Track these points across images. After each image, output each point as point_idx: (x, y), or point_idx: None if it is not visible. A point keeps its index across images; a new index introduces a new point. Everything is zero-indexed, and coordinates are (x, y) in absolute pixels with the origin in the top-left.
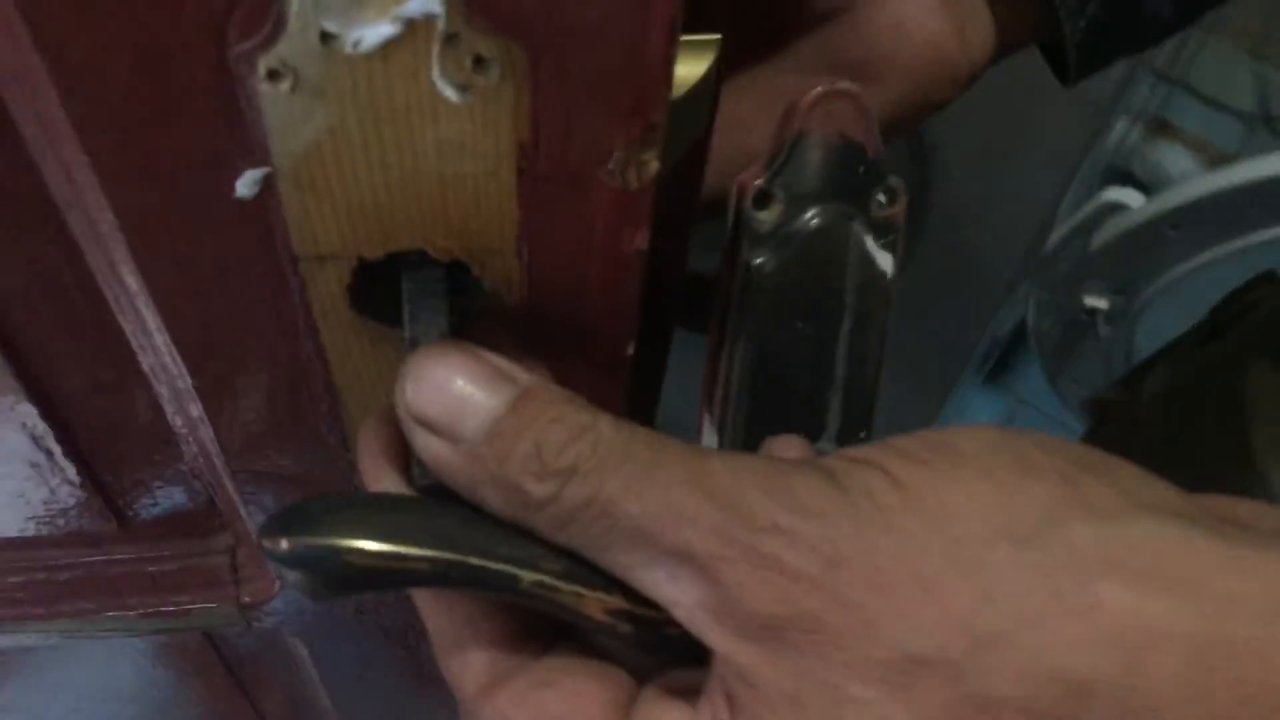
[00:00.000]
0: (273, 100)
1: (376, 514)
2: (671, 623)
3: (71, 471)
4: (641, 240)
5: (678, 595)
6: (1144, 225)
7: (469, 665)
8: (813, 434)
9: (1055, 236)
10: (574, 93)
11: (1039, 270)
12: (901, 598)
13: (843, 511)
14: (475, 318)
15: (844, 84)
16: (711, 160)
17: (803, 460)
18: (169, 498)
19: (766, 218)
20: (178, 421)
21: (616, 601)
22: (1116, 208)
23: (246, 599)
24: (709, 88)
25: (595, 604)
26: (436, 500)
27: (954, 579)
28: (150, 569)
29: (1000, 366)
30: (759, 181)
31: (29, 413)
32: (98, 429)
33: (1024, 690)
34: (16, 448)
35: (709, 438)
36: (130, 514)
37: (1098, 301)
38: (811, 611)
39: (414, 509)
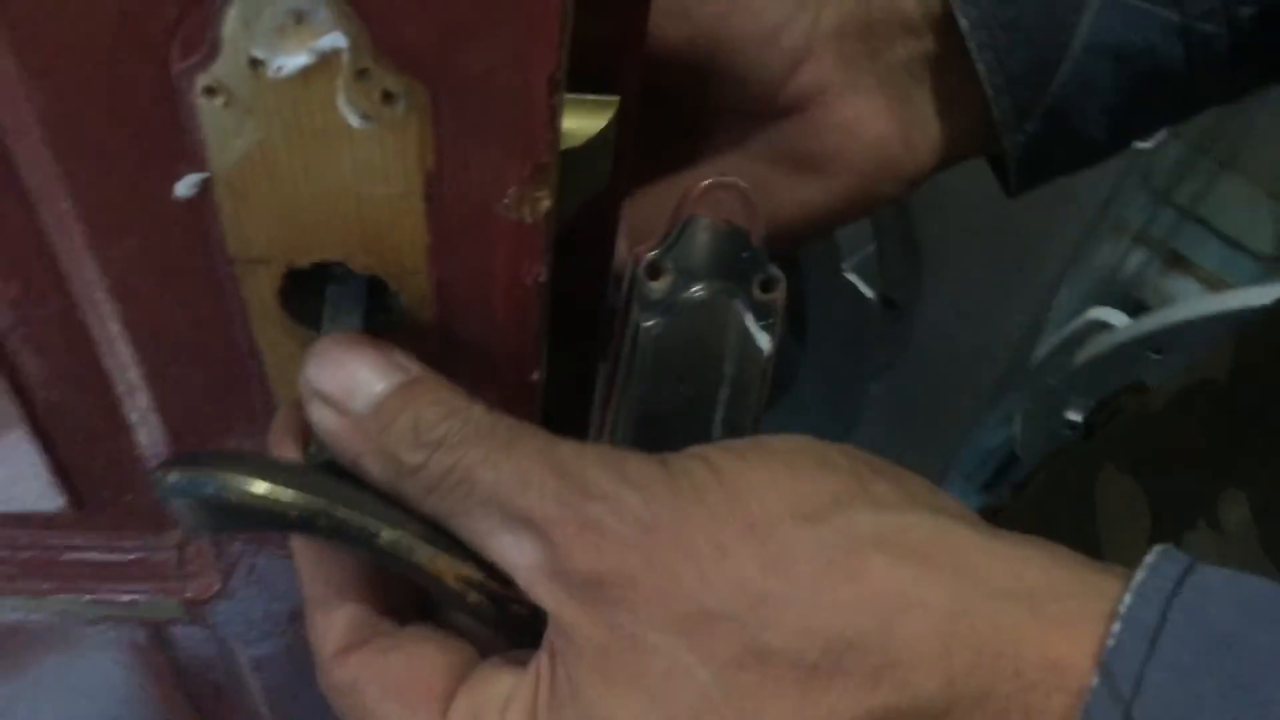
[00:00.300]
0: (209, 114)
1: (258, 463)
2: (517, 600)
3: (35, 452)
4: (539, 272)
5: (519, 558)
6: (1126, 345)
7: (331, 627)
8: None
9: (1042, 349)
10: (470, 131)
11: (1027, 381)
12: (702, 561)
13: (663, 486)
14: (393, 333)
15: (730, 178)
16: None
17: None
18: (126, 488)
19: (657, 287)
20: (132, 413)
21: (468, 570)
22: (1102, 326)
23: (189, 595)
24: (608, 143)
25: (448, 569)
26: (321, 469)
27: (746, 547)
28: (103, 557)
29: (997, 477)
30: (652, 254)
31: (17, 422)
32: (62, 414)
33: (795, 643)
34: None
35: None
36: (90, 500)
37: (1079, 417)
38: (625, 569)
39: (296, 468)
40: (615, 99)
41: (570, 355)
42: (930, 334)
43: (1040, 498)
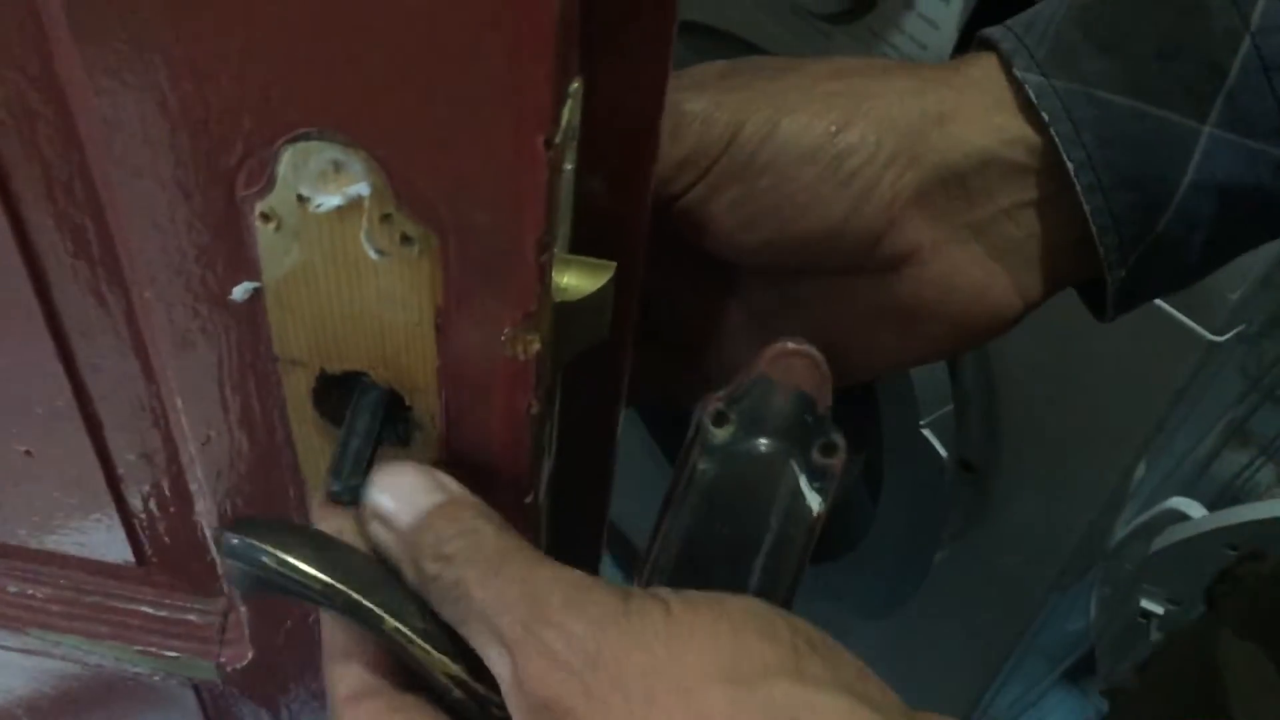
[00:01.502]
0: (264, 235)
1: (305, 541)
2: (498, 705)
3: (111, 509)
4: (530, 404)
5: (499, 671)
6: (1201, 539)
7: (346, 674)
8: None
9: (1121, 530)
10: (473, 276)
11: (1105, 564)
12: (634, 703)
13: (617, 625)
14: (406, 444)
15: (806, 346)
16: None
17: (626, 587)
18: (184, 551)
19: (719, 434)
20: (193, 483)
21: (456, 669)
22: (1180, 516)
23: (223, 659)
24: (605, 301)
25: (439, 666)
26: (364, 556)
27: (674, 699)
28: (155, 612)
29: (1083, 666)
30: (719, 404)
31: (89, 460)
32: (137, 478)
33: None
34: (76, 482)
35: None
36: (151, 558)
37: (1154, 606)
38: (566, 698)
39: (339, 549)
40: (613, 264)
41: (582, 490)
42: (1005, 503)
43: (1163, 674)
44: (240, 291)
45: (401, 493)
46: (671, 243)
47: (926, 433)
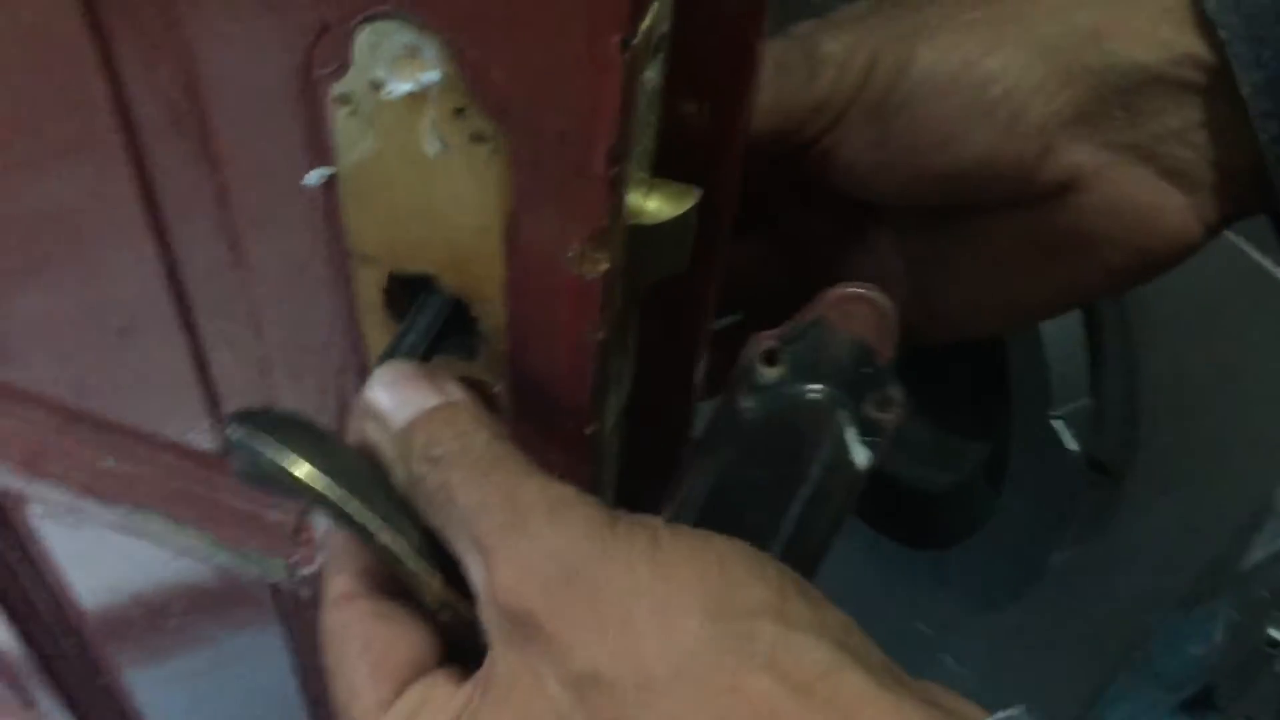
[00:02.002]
0: (338, 119)
1: (309, 440)
2: (482, 625)
3: (201, 397)
4: (595, 327)
5: (474, 579)
6: None
7: (340, 576)
8: None
9: (1256, 552)
10: (544, 185)
11: (1235, 585)
12: (608, 626)
13: (600, 542)
14: (470, 358)
15: (871, 291)
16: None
17: (617, 510)
18: None
19: (768, 374)
20: (271, 378)
21: (444, 592)
22: None
23: (294, 560)
24: (686, 229)
25: (427, 585)
26: (363, 461)
27: (651, 627)
28: (235, 504)
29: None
30: (771, 342)
31: (179, 343)
32: (224, 367)
33: None
34: (167, 363)
35: None
36: None
37: None
38: (538, 612)
39: (343, 455)
40: (697, 190)
41: (657, 430)
42: (1136, 510)
43: None
44: (315, 176)
45: (399, 390)
46: (814, 190)
47: (1058, 425)
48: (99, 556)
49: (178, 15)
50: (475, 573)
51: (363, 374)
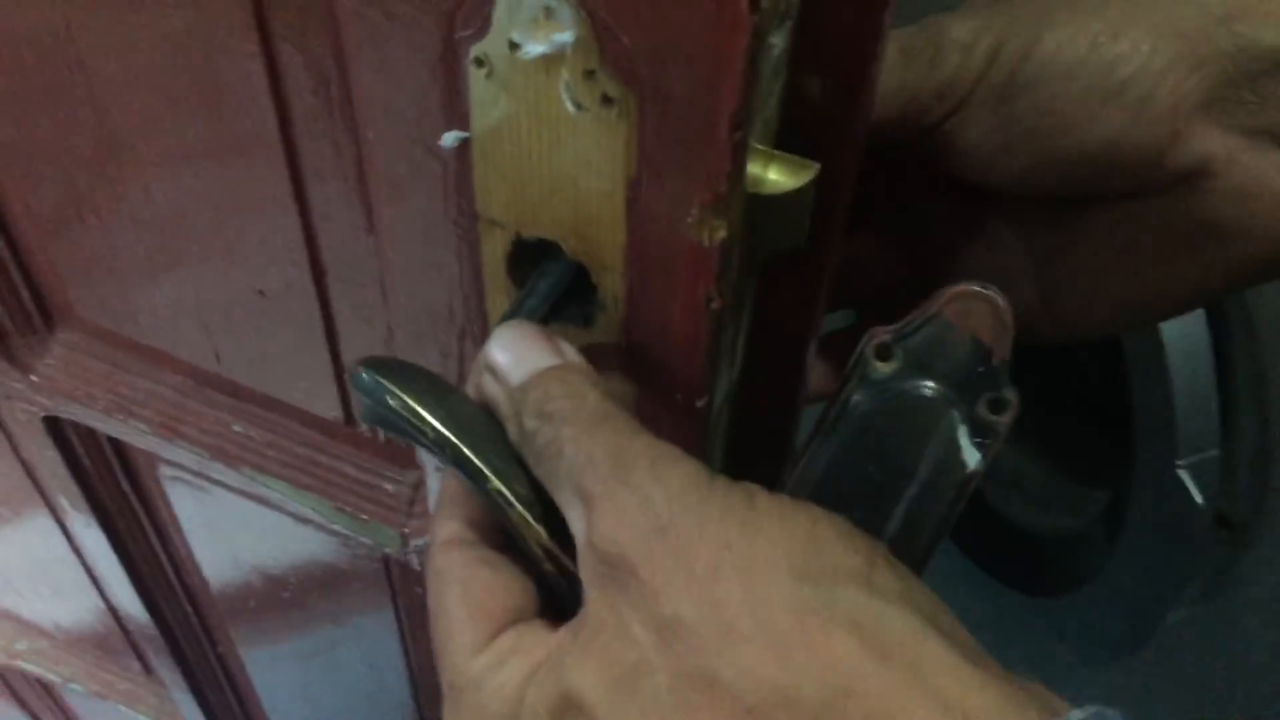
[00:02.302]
0: (475, 81)
1: (429, 388)
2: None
3: (329, 366)
4: (711, 294)
5: (576, 530)
6: None
7: (448, 521)
8: None
9: None
10: (667, 148)
11: None
12: (695, 575)
13: (694, 497)
14: (588, 325)
15: (992, 291)
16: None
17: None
18: None
19: (880, 368)
20: (398, 348)
21: (549, 543)
22: None
23: (408, 530)
24: (805, 203)
25: (534, 535)
26: (483, 413)
27: (736, 578)
28: (354, 473)
29: None
30: (885, 337)
31: (312, 308)
32: (351, 333)
33: (741, 682)
34: (300, 329)
35: None
36: (355, 420)
37: None
38: (630, 557)
39: (463, 403)
40: (816, 165)
41: (767, 411)
42: (1263, 569)
43: None
44: (450, 138)
45: (518, 349)
46: (935, 181)
47: (1184, 475)
48: (221, 524)
49: None
50: (576, 522)
51: (483, 339)
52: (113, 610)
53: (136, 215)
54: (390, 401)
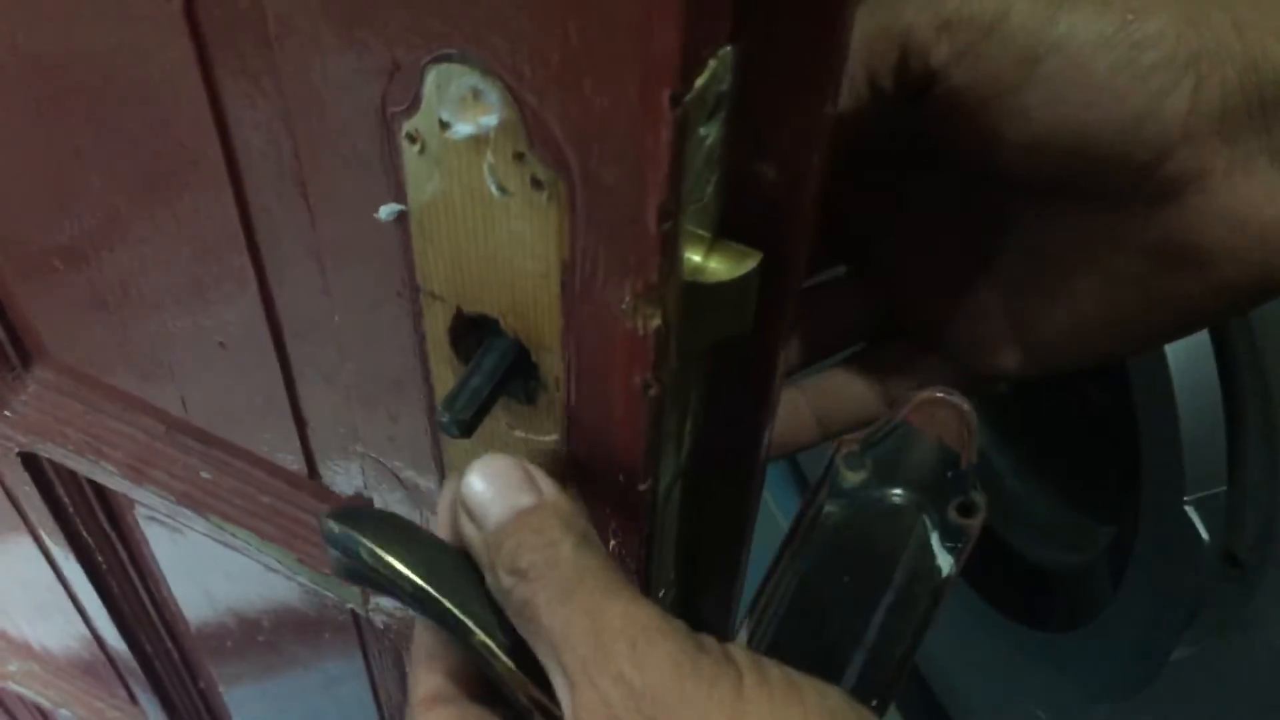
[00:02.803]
0: (409, 156)
1: (403, 538)
2: None
3: (289, 417)
4: (648, 380)
5: (562, 697)
6: None
7: (427, 676)
8: (831, 676)
9: None
10: (598, 235)
11: None
12: None
13: (679, 686)
14: (530, 404)
15: (954, 396)
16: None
17: (704, 637)
18: (344, 473)
19: (851, 477)
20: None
21: (537, 692)
22: None
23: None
24: (747, 293)
25: (522, 686)
26: (459, 557)
27: None
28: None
29: None
30: (855, 446)
31: (272, 363)
32: (311, 390)
33: None
34: (261, 383)
35: (741, 637)
36: (319, 473)
37: None
38: None
39: (439, 551)
40: (759, 254)
41: (722, 501)
42: (1270, 610)
43: None
44: (386, 211)
45: (494, 492)
46: (919, 187)
47: (1190, 510)
48: (197, 566)
49: (272, 56)
50: (562, 691)
51: (430, 410)
52: (97, 640)
53: (100, 263)
54: (363, 554)
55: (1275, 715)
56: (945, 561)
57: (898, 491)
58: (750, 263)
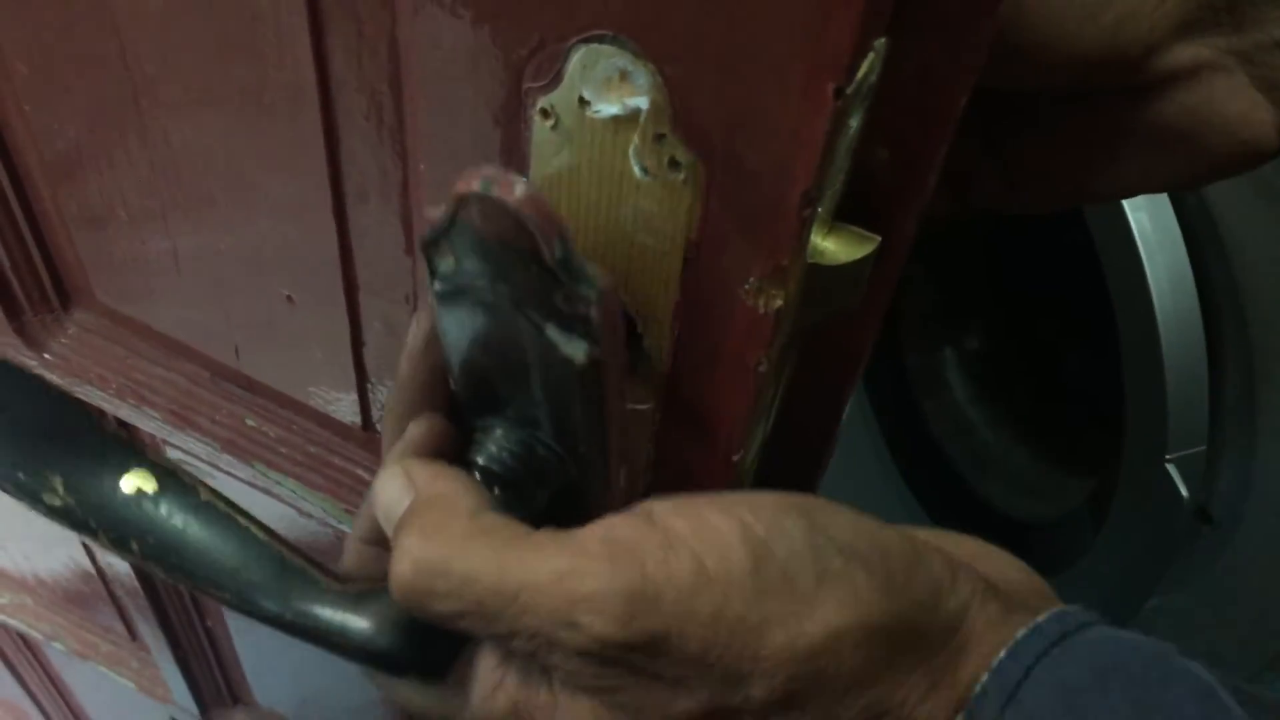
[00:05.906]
0: (539, 130)
1: None
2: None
3: (352, 373)
4: (760, 359)
5: None
6: None
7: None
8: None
9: None
10: (731, 217)
11: None
12: None
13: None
14: (630, 372)
15: (495, 190)
16: None
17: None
18: None
19: (442, 265)
20: None
21: None
22: None
23: None
24: (862, 273)
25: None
26: None
27: None
28: (368, 478)
29: None
30: (427, 233)
31: (341, 319)
32: (378, 348)
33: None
34: (326, 337)
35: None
36: (373, 426)
37: None
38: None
39: None
40: (877, 238)
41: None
42: (1237, 565)
43: None
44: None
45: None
46: None
47: (1171, 469)
48: None
49: (393, 22)
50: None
51: None
52: (99, 571)
53: (167, 210)
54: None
55: (1222, 660)
56: (578, 348)
57: (483, 286)
58: (869, 246)
